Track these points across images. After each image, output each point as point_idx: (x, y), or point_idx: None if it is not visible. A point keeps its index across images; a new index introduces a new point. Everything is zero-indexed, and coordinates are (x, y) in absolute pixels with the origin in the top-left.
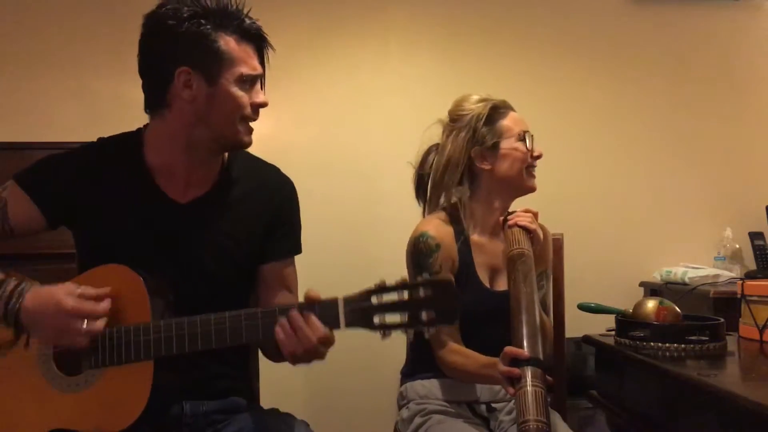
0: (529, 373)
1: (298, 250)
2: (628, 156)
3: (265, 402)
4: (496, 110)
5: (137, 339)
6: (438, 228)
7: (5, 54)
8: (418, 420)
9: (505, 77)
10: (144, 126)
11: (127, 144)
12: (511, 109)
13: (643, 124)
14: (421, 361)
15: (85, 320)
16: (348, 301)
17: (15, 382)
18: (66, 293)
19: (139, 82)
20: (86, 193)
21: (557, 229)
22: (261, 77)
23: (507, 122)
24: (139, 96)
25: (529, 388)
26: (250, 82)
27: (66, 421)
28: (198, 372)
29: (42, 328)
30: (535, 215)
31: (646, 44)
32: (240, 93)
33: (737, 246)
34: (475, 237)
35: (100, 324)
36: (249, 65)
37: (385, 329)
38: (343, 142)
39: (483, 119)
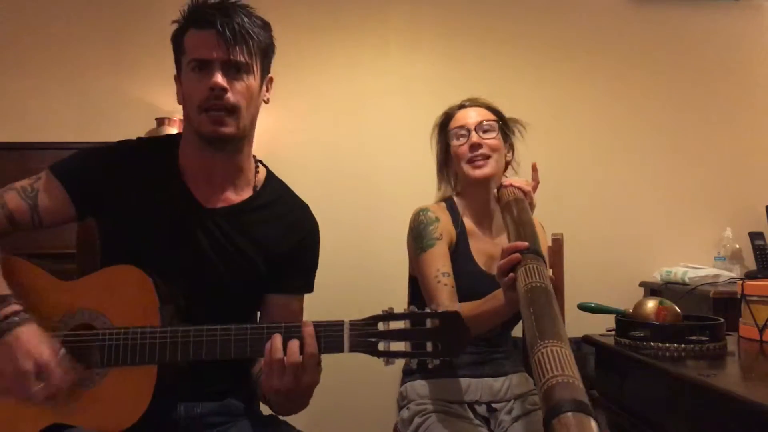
0: (529, 256)
1: (310, 290)
2: (628, 156)
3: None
4: (447, 115)
5: (143, 342)
6: (437, 208)
7: (5, 54)
8: (417, 420)
9: (505, 77)
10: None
11: (164, 145)
12: (463, 106)
13: (642, 124)
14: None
15: (46, 384)
16: (354, 325)
17: None
18: (49, 350)
19: (138, 82)
20: (117, 187)
21: (557, 229)
22: (216, 62)
23: (451, 124)
24: (138, 95)
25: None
26: (200, 67)
27: (68, 417)
28: (196, 373)
29: (6, 365)
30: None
31: (646, 44)
32: (190, 79)
33: (737, 246)
34: (470, 223)
35: (52, 391)
36: (199, 50)
37: (389, 356)
38: (343, 141)
39: (437, 129)
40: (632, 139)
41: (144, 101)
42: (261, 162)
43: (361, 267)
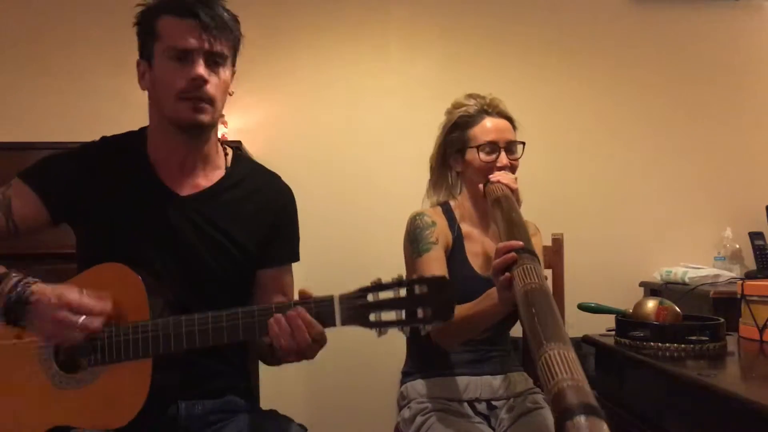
0: (525, 255)
1: (296, 258)
2: (629, 156)
3: (265, 402)
4: (469, 116)
5: (135, 336)
6: (433, 213)
7: (5, 54)
8: (419, 419)
9: (505, 77)
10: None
11: (131, 140)
12: (490, 114)
13: (642, 124)
14: (421, 361)
15: (83, 316)
16: (344, 298)
17: (15, 379)
18: (68, 290)
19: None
20: (89, 188)
21: (557, 229)
22: (198, 52)
23: (475, 130)
24: (138, 96)
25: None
26: (181, 56)
27: (64, 418)
28: (195, 370)
29: (41, 321)
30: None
31: (646, 44)
32: (169, 67)
33: (737, 246)
34: (466, 227)
35: (97, 322)
36: (179, 38)
37: (381, 326)
38: (343, 142)
39: (453, 126)
40: (632, 139)
41: (144, 102)
42: (227, 145)
43: (359, 266)
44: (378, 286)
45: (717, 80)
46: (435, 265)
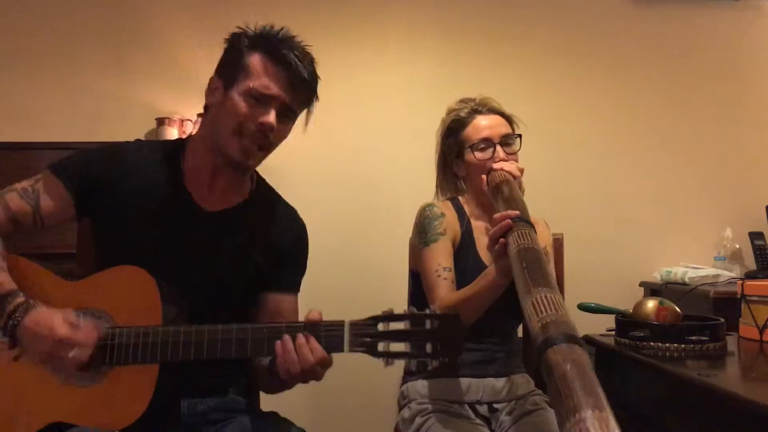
0: (521, 224)
1: (299, 289)
2: (629, 156)
3: (265, 401)
4: (461, 119)
5: (146, 341)
6: (443, 205)
7: (5, 54)
8: (419, 420)
9: (505, 78)
10: (192, 134)
11: (168, 148)
12: (481, 112)
13: (643, 124)
14: None
15: (74, 349)
16: (354, 325)
17: (24, 372)
18: (62, 321)
19: (138, 82)
20: (117, 188)
21: (557, 229)
22: (276, 101)
23: (468, 130)
24: (139, 96)
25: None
26: (259, 99)
27: (69, 415)
28: (197, 369)
29: (33, 349)
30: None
31: (646, 44)
32: (243, 104)
33: (737, 246)
34: (475, 221)
35: (86, 354)
36: (262, 82)
37: (389, 357)
38: (343, 142)
39: (447, 132)
40: (632, 139)
41: (144, 101)
42: None
43: (360, 265)
44: (389, 317)
45: (717, 80)
46: (441, 255)
